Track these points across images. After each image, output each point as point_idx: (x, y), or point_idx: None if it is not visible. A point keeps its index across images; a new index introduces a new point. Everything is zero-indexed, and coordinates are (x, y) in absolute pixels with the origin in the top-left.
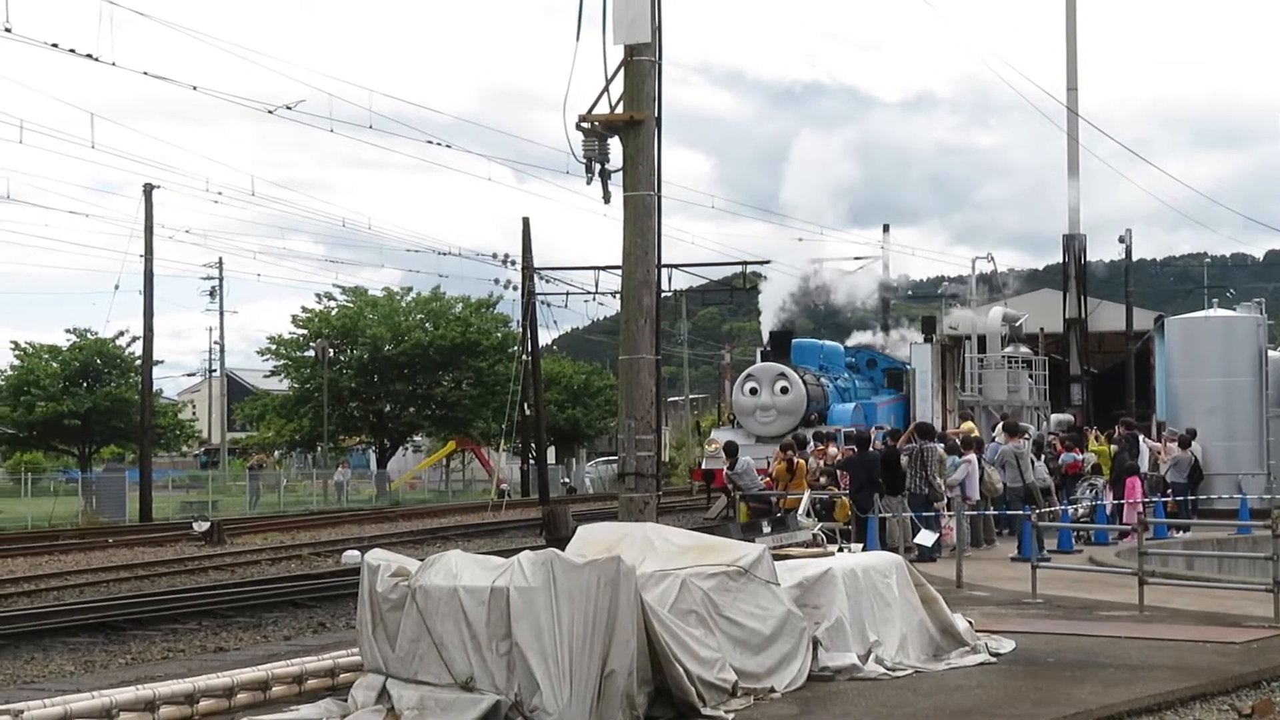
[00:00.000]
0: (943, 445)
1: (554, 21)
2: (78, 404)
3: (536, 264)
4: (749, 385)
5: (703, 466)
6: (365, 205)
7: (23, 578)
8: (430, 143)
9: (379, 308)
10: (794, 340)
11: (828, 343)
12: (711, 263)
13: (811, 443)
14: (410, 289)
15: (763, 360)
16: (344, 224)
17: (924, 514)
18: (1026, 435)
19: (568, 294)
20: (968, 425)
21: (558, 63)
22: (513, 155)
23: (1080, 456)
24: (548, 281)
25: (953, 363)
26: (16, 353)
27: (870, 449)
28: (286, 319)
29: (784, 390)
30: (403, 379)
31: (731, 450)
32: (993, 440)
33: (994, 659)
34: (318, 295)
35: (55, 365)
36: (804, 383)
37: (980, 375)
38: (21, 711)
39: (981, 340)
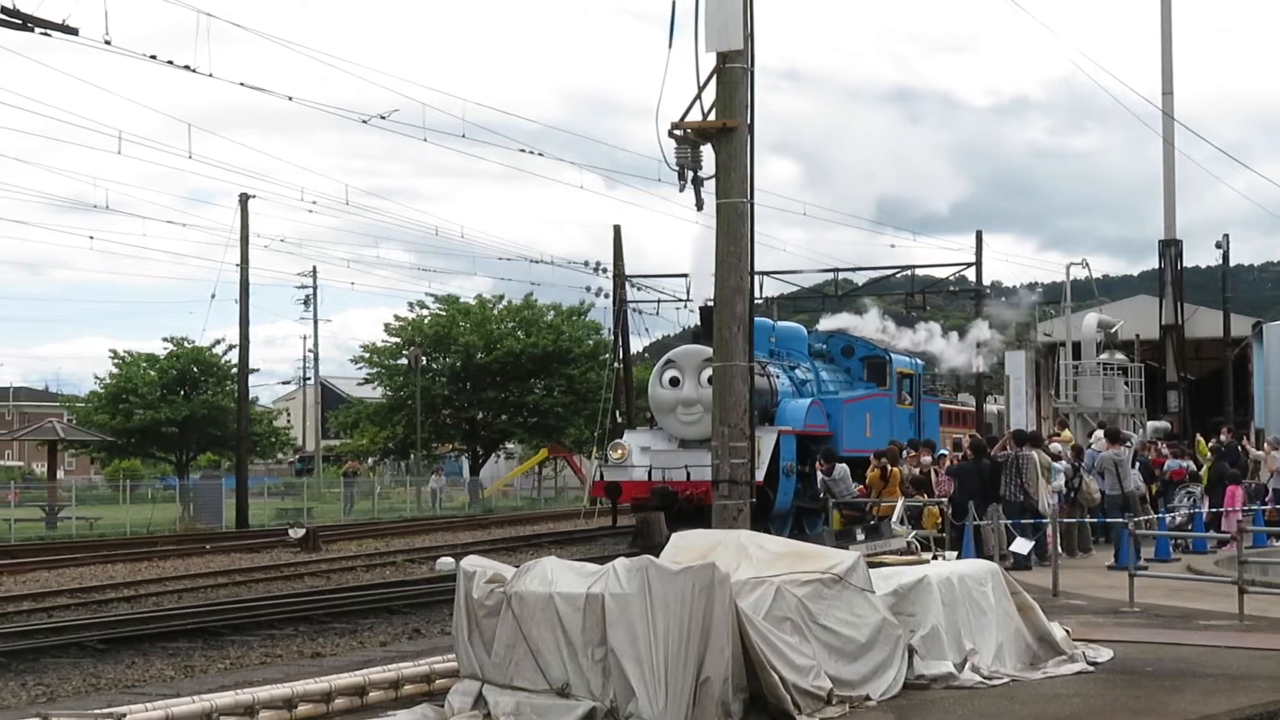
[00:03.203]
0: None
1: (643, 28)
2: (175, 412)
3: (627, 271)
4: (668, 374)
5: (604, 478)
6: (457, 214)
7: (122, 583)
8: (522, 150)
9: (471, 316)
10: None
11: (784, 323)
12: (802, 269)
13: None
14: (502, 297)
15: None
16: (437, 232)
17: (1020, 522)
18: (1128, 443)
19: (659, 301)
20: (1067, 433)
21: (646, 70)
22: (603, 163)
23: (1185, 464)
24: (639, 289)
25: (1047, 370)
26: (115, 361)
27: (985, 456)
28: (379, 327)
29: (712, 380)
30: (495, 386)
31: (829, 456)
32: (1089, 447)
33: (1091, 668)
34: (410, 303)
35: (153, 373)
36: None
37: (1075, 382)
38: (124, 715)
39: (1076, 347)
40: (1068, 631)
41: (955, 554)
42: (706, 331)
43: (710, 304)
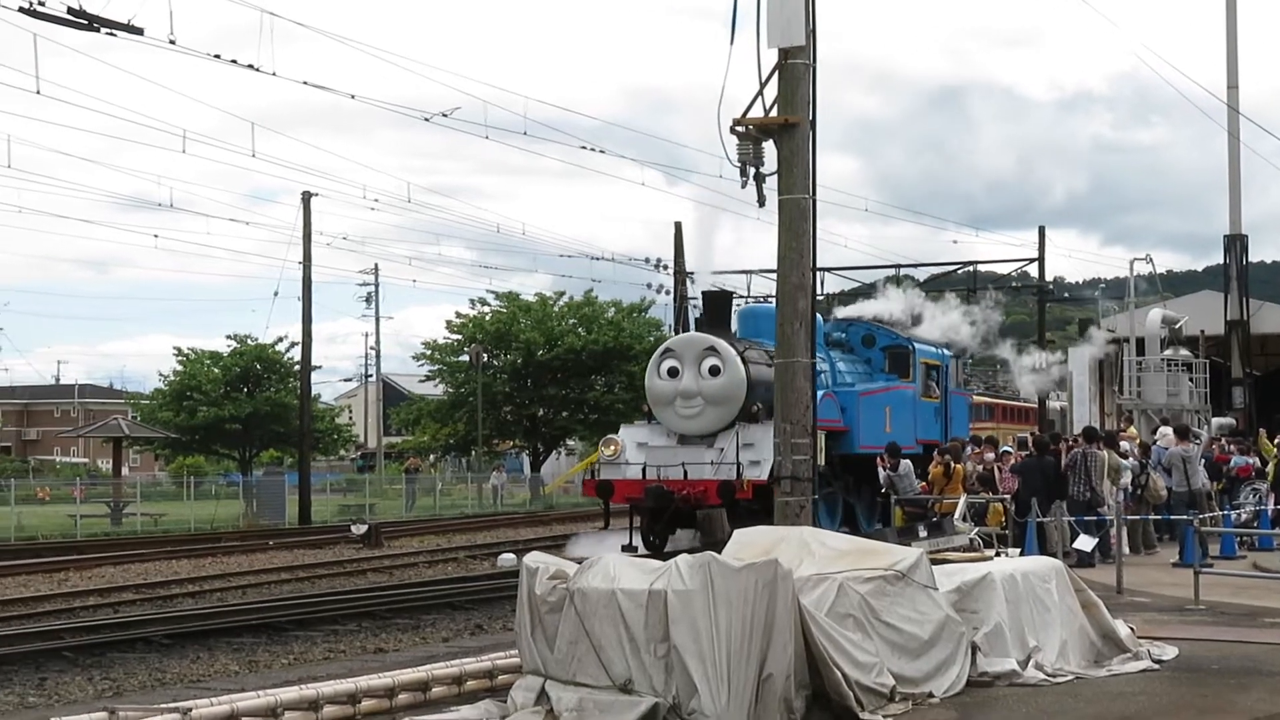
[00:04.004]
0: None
1: (703, 25)
2: (238, 409)
3: (688, 267)
4: (666, 364)
5: (599, 476)
6: (518, 211)
7: (187, 579)
8: (583, 148)
9: (532, 313)
10: (749, 306)
11: None
12: (864, 265)
13: (969, 447)
14: (563, 294)
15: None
16: (498, 230)
17: (1083, 519)
18: (1196, 439)
19: None
20: (1132, 430)
21: (707, 66)
22: (663, 159)
23: (1252, 460)
24: (696, 283)
25: (1110, 366)
26: (179, 358)
27: (1048, 453)
28: (440, 324)
29: (714, 371)
30: (556, 383)
31: (894, 451)
32: (1154, 443)
33: (1156, 666)
34: (471, 301)
35: (217, 371)
36: (744, 361)
37: (1139, 379)
38: (190, 710)
39: (1140, 343)
40: (1132, 629)
41: (1018, 551)
42: (709, 319)
43: (714, 288)
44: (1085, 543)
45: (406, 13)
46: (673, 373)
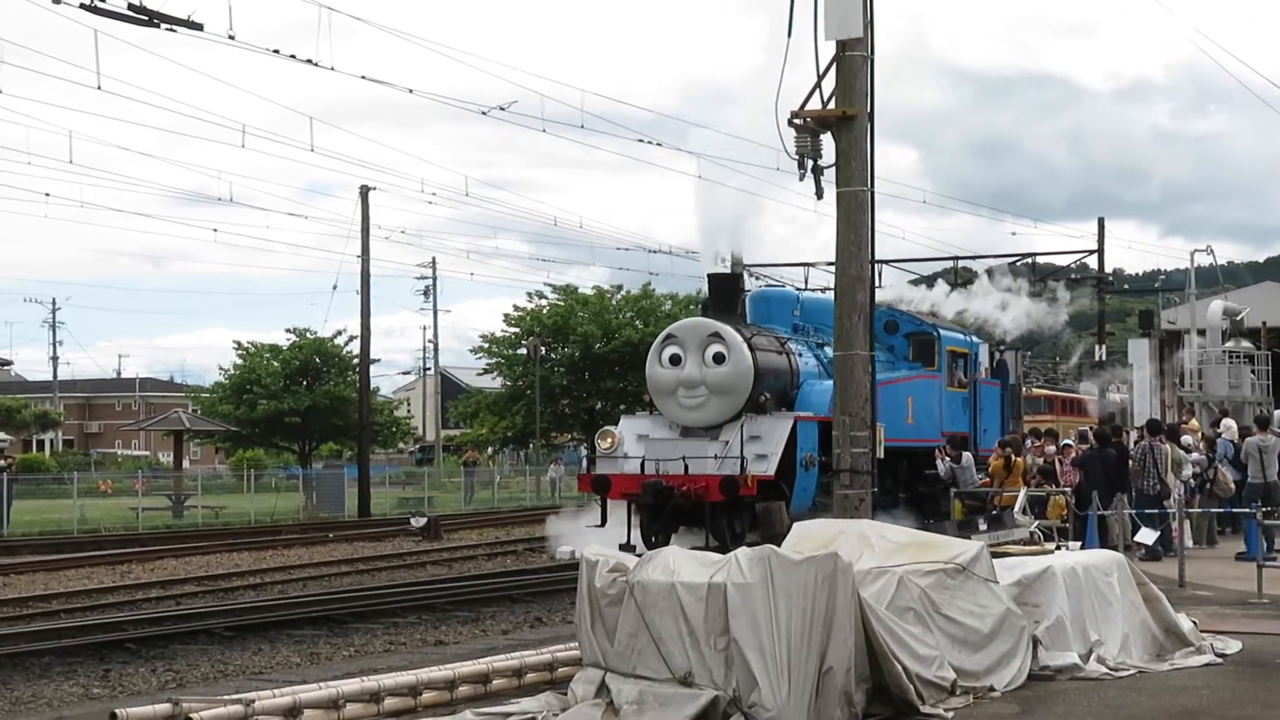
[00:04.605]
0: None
1: (759, 17)
2: (298, 402)
3: (745, 260)
4: (668, 351)
5: (594, 471)
6: (574, 204)
7: (248, 571)
8: (640, 140)
9: (589, 306)
10: (761, 290)
11: (814, 293)
12: (922, 258)
13: (1029, 439)
14: (620, 287)
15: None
16: (555, 223)
17: (1145, 511)
18: (1277, 432)
19: (800, 295)
20: (1194, 422)
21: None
22: (718, 151)
23: None
24: (757, 278)
25: (1172, 357)
26: (239, 352)
27: (1110, 446)
28: (498, 317)
29: (718, 358)
30: (613, 376)
31: (956, 443)
32: (1218, 436)
33: (1220, 660)
34: (529, 294)
35: (276, 364)
36: (750, 348)
37: (1200, 370)
38: (253, 701)
39: (1202, 335)
40: (1195, 623)
41: (1078, 544)
42: (715, 302)
43: (721, 270)
44: (1147, 536)
45: (464, 7)
46: (674, 360)
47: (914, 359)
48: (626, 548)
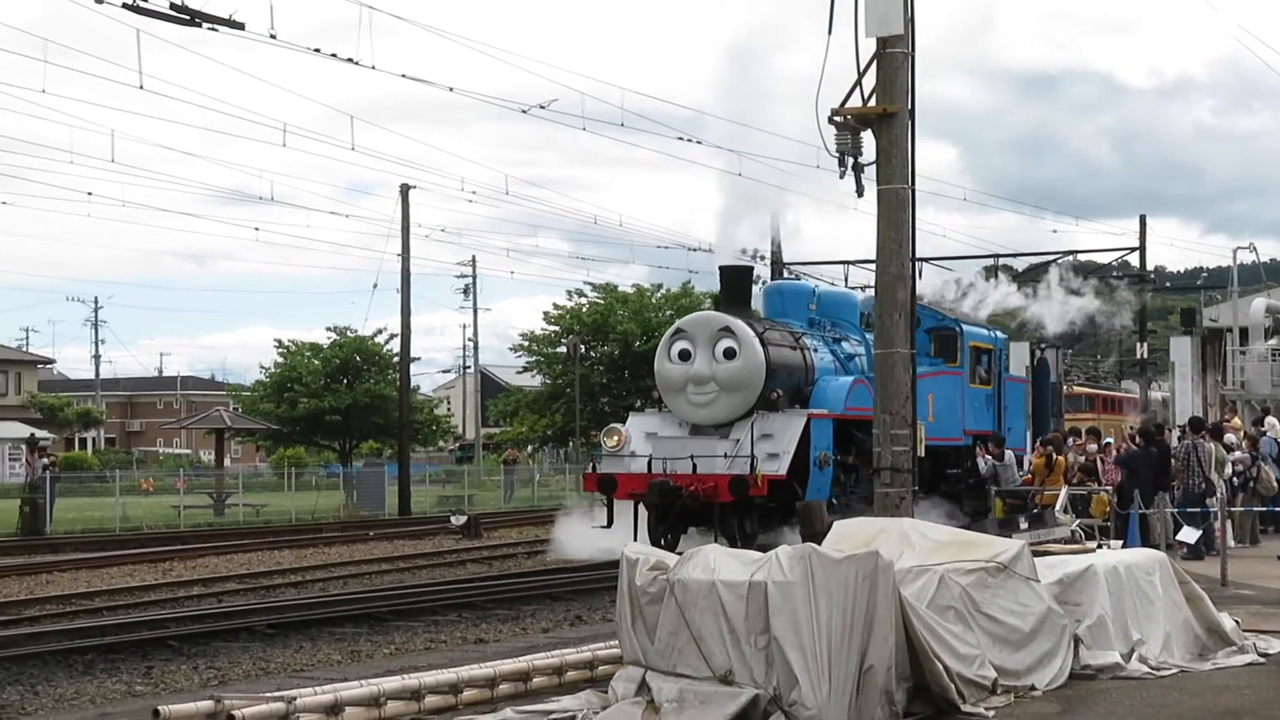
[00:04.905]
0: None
1: (799, 14)
2: (338, 400)
3: (785, 258)
4: (677, 346)
5: (599, 470)
6: (614, 202)
7: (289, 569)
8: (680, 138)
9: (629, 304)
10: (775, 283)
11: (831, 287)
12: (962, 255)
13: (1070, 438)
14: (660, 285)
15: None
16: (595, 221)
17: (1187, 510)
18: None
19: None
20: (1236, 420)
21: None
22: (757, 149)
23: None
24: (796, 276)
25: (1213, 355)
26: (280, 350)
27: (1154, 443)
28: (538, 315)
29: (729, 354)
30: (653, 375)
31: (998, 441)
32: (1263, 434)
33: (1263, 660)
34: (569, 292)
35: (317, 362)
36: (762, 343)
37: (1242, 368)
38: (294, 699)
39: (1244, 332)
40: (1237, 622)
41: (1120, 543)
42: (726, 296)
43: (735, 263)
44: (1189, 534)
45: (505, 5)
46: (684, 355)
47: (935, 355)
48: None
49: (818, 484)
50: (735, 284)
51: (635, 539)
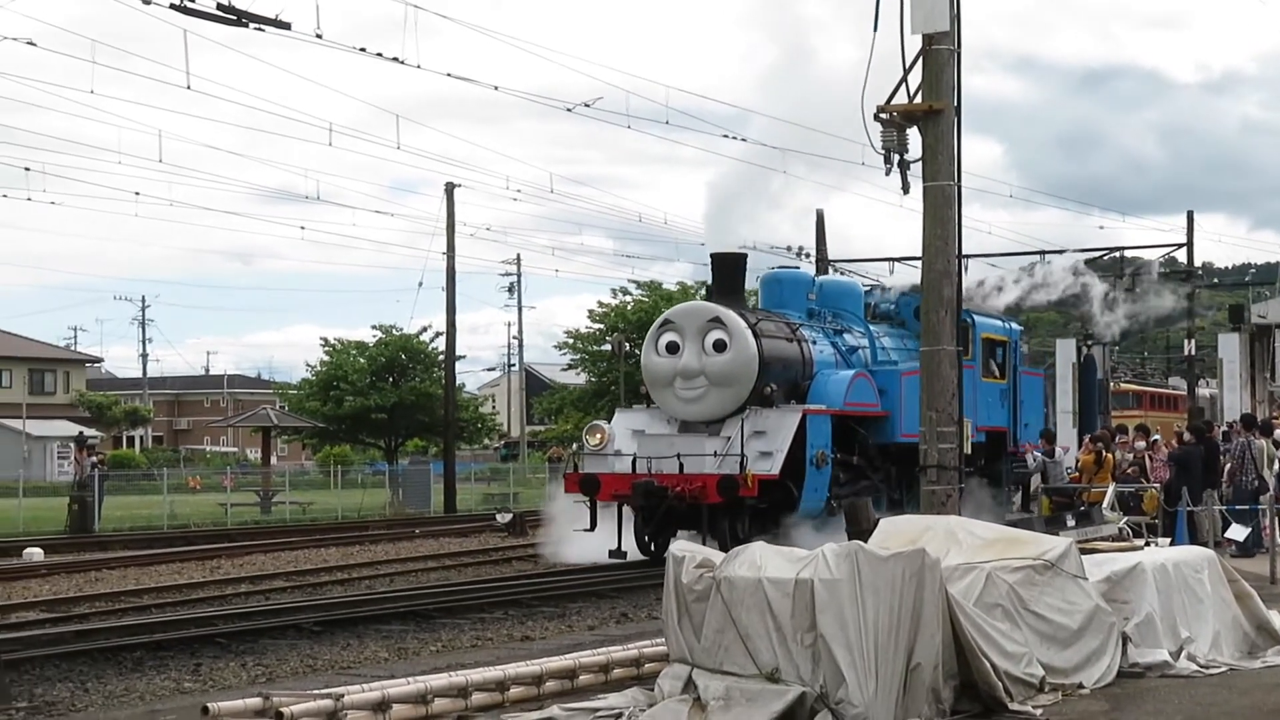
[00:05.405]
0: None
1: (844, 10)
2: (384, 398)
3: (830, 255)
4: (665, 337)
5: (580, 469)
6: (658, 200)
7: (336, 566)
8: (725, 136)
9: (674, 301)
10: (773, 271)
11: (832, 277)
12: (1008, 252)
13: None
14: (704, 283)
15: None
16: (640, 219)
17: (1235, 507)
18: None
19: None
20: None
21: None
22: (800, 146)
23: None
24: (841, 273)
25: (1262, 352)
26: (325, 349)
27: (1204, 440)
28: (582, 314)
29: (719, 346)
30: None
31: (1049, 436)
32: None
33: None
34: (613, 290)
35: (362, 361)
36: (755, 334)
37: None
38: (342, 696)
39: None
40: None
41: (1168, 540)
42: (718, 284)
43: (726, 251)
44: (1238, 532)
45: (549, 4)
46: (672, 348)
47: None
48: (616, 554)
49: (815, 484)
50: (727, 272)
51: (619, 544)
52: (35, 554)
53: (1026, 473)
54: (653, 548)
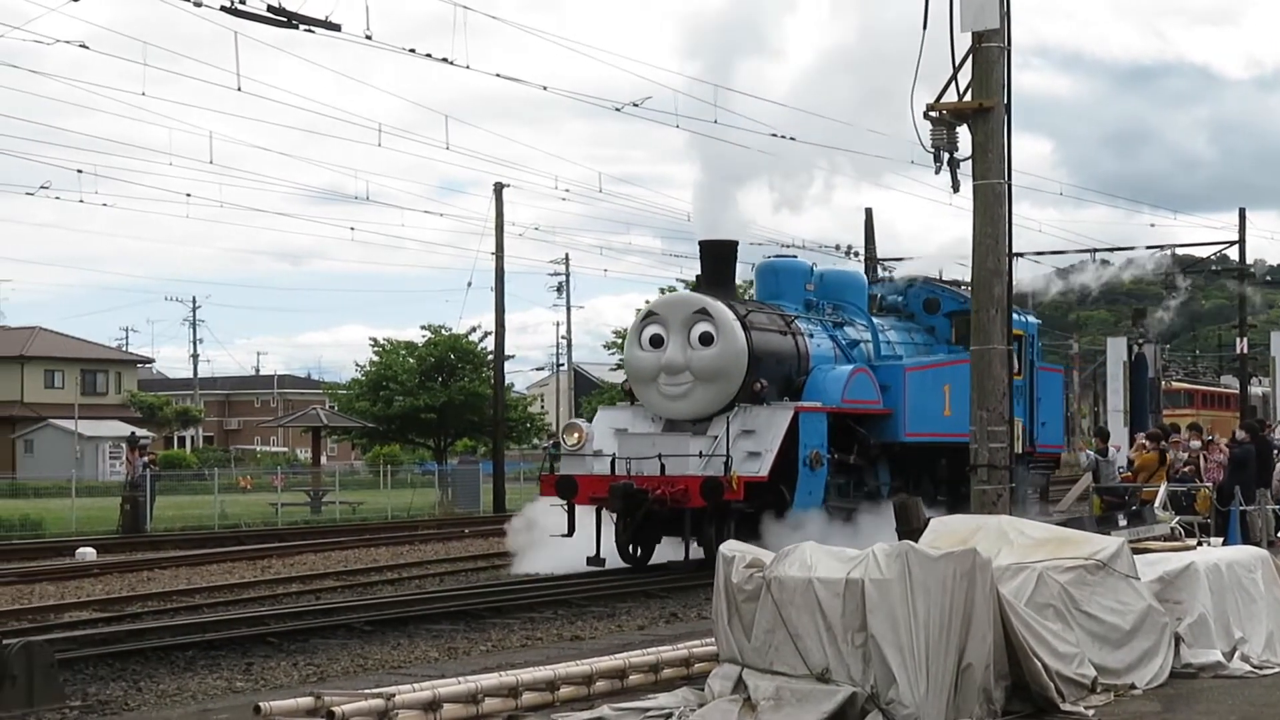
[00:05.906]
0: None
1: (894, 8)
2: (433, 398)
3: (879, 254)
4: (649, 330)
5: (558, 470)
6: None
7: (386, 566)
8: (773, 135)
9: None
10: (769, 260)
11: (835, 267)
12: (1058, 250)
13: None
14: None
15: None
16: (689, 218)
17: None
18: None
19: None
20: None
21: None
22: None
23: None
24: (889, 270)
25: None
26: (375, 349)
27: (1258, 438)
28: (630, 313)
29: (705, 339)
30: None
31: (1103, 435)
32: None
33: None
34: (661, 289)
35: (411, 361)
36: (745, 327)
37: None
38: (394, 695)
39: None
40: None
41: (1220, 540)
42: (707, 274)
43: (714, 238)
44: None
45: (598, 3)
46: (656, 341)
47: (956, 341)
48: (595, 561)
49: (808, 486)
50: (716, 261)
51: (598, 550)
52: (88, 554)
53: (1046, 475)
54: (637, 554)
